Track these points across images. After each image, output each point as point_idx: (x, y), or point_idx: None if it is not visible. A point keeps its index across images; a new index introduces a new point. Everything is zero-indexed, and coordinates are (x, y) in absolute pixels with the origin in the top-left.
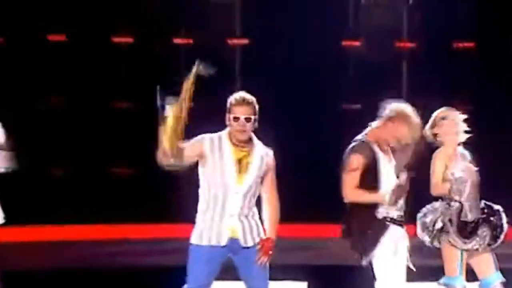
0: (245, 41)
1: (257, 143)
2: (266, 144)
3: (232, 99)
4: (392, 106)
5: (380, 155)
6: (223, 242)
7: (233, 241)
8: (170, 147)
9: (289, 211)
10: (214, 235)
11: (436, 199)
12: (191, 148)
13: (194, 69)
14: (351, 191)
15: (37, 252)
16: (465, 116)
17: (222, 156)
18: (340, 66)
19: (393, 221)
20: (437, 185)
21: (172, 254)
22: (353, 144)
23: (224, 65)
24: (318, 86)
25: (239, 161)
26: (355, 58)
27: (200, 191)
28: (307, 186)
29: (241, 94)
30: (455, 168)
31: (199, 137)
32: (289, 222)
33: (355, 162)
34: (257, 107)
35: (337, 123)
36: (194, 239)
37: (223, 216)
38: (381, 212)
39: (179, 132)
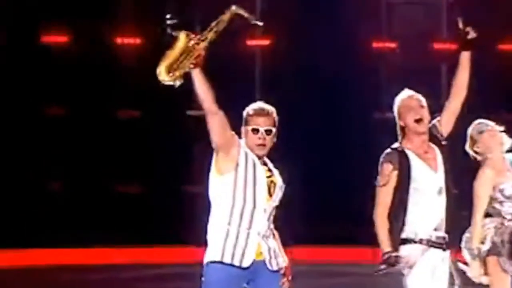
0: (265, 41)
1: (268, 162)
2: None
3: (249, 109)
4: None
5: (416, 162)
6: (247, 263)
7: (257, 263)
8: (165, 70)
9: (314, 233)
10: (238, 254)
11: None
12: (231, 135)
13: (232, 9)
14: (378, 210)
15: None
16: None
17: (255, 170)
18: (372, 70)
19: (431, 243)
20: (481, 207)
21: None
22: (385, 152)
23: (241, 68)
24: (347, 92)
25: (270, 180)
26: (388, 61)
27: (217, 205)
28: (337, 203)
29: (260, 104)
30: (506, 184)
31: (239, 140)
32: (311, 245)
33: (385, 172)
34: (277, 118)
35: (369, 134)
36: (213, 256)
37: (249, 235)
38: (414, 232)
39: (184, 63)
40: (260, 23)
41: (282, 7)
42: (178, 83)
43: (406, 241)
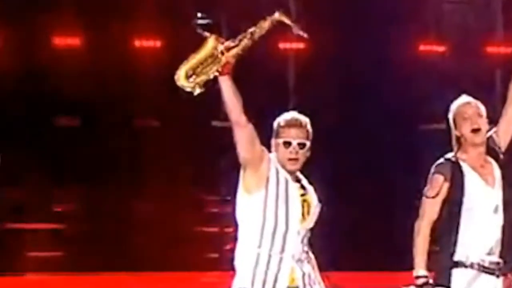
0: (300, 44)
1: (302, 178)
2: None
3: (281, 120)
4: None
5: (471, 176)
6: None
7: None
8: (185, 74)
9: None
10: (270, 281)
11: None
12: (261, 149)
13: (274, 16)
14: (422, 223)
15: None
16: None
17: (287, 188)
18: (417, 77)
19: (483, 268)
20: None
21: None
22: (437, 162)
23: (273, 74)
24: (390, 101)
25: (303, 199)
26: (437, 66)
27: (246, 227)
28: (379, 225)
29: (293, 114)
30: None
31: (268, 153)
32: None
33: (435, 183)
34: (311, 130)
35: (415, 147)
36: (242, 283)
37: (282, 259)
38: (465, 255)
39: (208, 70)
40: (305, 35)
41: (319, 7)
42: (197, 90)
43: (455, 264)
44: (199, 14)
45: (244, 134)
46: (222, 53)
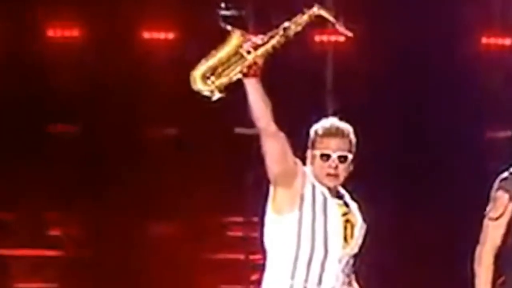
0: (340, 37)
1: (344, 193)
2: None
3: (318, 128)
4: None
5: None
6: None
7: None
8: (202, 76)
9: None
10: None
11: None
12: (294, 162)
13: (313, 11)
14: (484, 249)
15: None
16: None
17: (326, 206)
18: (480, 74)
19: None
20: None
21: None
22: (500, 177)
23: (308, 71)
24: (447, 105)
25: (345, 219)
26: (502, 62)
27: (277, 254)
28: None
29: (332, 121)
30: None
31: (303, 168)
32: None
33: (499, 202)
34: (354, 141)
35: (478, 161)
36: None
37: None
38: None
39: (230, 71)
40: (349, 33)
41: None
42: (217, 95)
43: None
44: (223, 4)
45: (274, 145)
46: (249, 52)
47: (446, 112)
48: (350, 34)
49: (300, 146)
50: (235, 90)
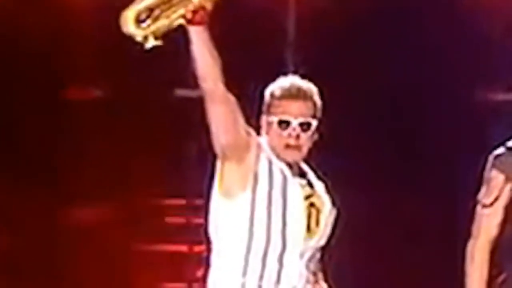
0: None
1: (308, 171)
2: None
3: (275, 89)
4: None
5: None
6: None
7: None
8: (134, 17)
9: None
10: None
11: None
12: (246, 132)
13: None
14: (477, 243)
15: None
16: None
17: (285, 187)
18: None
19: None
20: None
21: None
22: (494, 153)
23: (267, 25)
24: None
25: (309, 203)
26: None
27: (224, 246)
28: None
29: (293, 80)
30: None
31: (258, 139)
32: None
33: (494, 183)
34: (320, 104)
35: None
36: None
37: None
38: None
39: (170, 13)
40: None
41: None
42: (152, 42)
43: None
44: None
45: (222, 110)
46: None
47: (430, 71)
48: None
49: (253, 112)
50: (177, 40)
